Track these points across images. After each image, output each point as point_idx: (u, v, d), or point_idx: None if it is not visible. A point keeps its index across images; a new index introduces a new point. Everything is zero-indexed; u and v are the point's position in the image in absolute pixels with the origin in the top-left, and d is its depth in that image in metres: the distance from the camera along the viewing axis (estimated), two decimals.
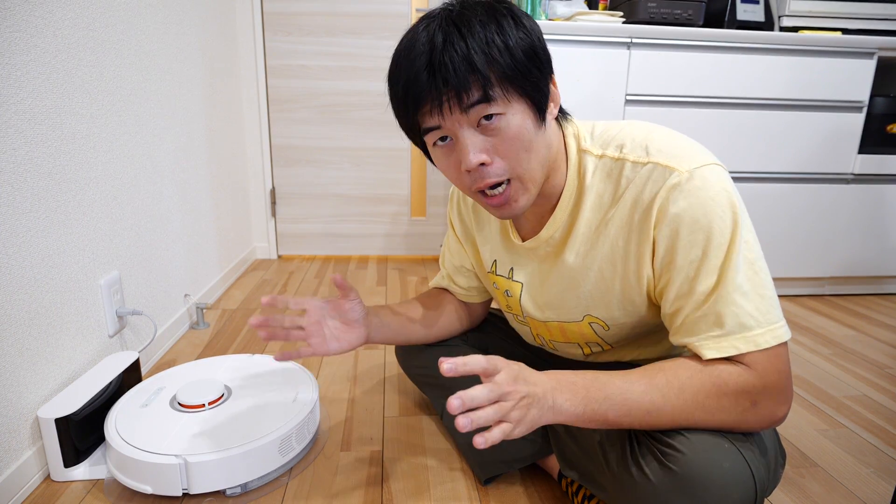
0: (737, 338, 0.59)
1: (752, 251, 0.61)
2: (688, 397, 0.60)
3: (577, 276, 0.72)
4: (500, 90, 0.59)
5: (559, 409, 0.59)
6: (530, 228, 0.77)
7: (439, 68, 0.57)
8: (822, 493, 0.87)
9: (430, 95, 0.59)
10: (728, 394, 0.59)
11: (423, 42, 0.59)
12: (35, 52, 0.87)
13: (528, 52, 0.59)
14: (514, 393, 0.56)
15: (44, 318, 0.89)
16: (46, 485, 0.86)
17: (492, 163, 0.62)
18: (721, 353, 0.60)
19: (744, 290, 0.59)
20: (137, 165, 1.22)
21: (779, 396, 0.60)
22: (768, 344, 0.59)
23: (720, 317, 0.60)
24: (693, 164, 0.61)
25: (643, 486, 0.61)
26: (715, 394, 0.59)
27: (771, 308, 0.60)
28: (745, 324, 0.59)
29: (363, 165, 2.24)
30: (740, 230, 0.60)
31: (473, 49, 0.57)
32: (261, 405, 0.93)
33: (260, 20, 2.04)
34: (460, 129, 0.61)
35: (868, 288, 1.93)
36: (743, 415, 0.60)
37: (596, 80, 1.60)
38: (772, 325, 0.60)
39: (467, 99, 0.58)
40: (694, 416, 0.60)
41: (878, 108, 1.73)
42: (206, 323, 1.52)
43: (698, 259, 0.60)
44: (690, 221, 0.60)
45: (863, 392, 1.22)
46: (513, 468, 0.87)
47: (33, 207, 0.87)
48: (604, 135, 0.69)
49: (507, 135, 0.61)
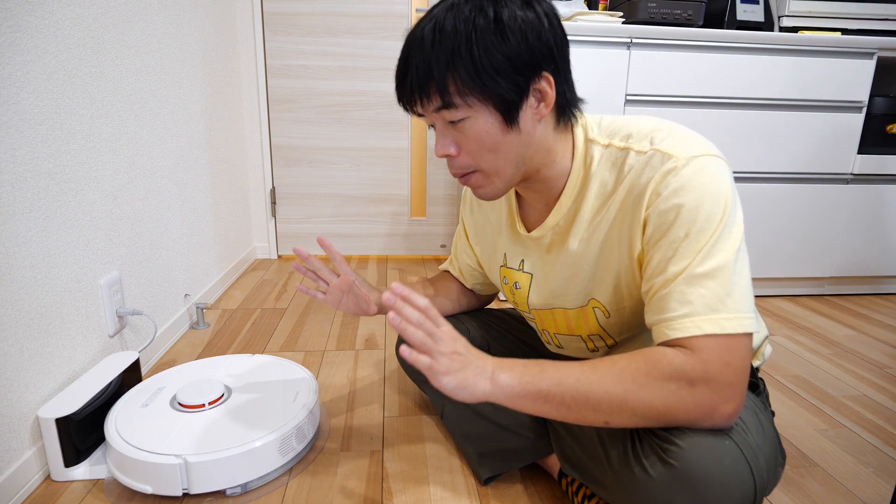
0: (702, 318, 0.58)
1: (734, 242, 0.60)
2: (619, 369, 0.60)
3: (581, 261, 0.73)
4: (460, 97, 0.63)
5: (497, 380, 0.62)
6: (538, 217, 0.78)
7: (410, 71, 0.64)
8: (822, 493, 0.87)
9: (405, 95, 0.66)
10: (662, 372, 0.58)
11: (408, 42, 0.64)
12: (36, 52, 0.87)
13: (497, 60, 0.61)
14: (448, 343, 0.62)
15: (44, 318, 0.89)
16: (47, 485, 0.86)
17: (457, 155, 0.68)
18: (684, 333, 0.58)
19: (717, 275, 0.59)
20: (137, 165, 1.22)
21: (723, 389, 0.57)
22: (734, 329, 0.57)
23: (686, 296, 0.59)
24: (692, 153, 0.62)
25: (644, 482, 0.61)
26: (647, 370, 0.58)
27: (742, 298, 0.59)
28: (712, 306, 0.58)
29: (363, 165, 2.24)
30: (727, 220, 0.60)
31: (437, 58, 0.61)
32: (261, 405, 0.93)
33: (260, 20, 2.04)
34: (436, 122, 0.68)
35: (868, 288, 1.93)
36: (678, 396, 0.58)
37: (596, 80, 1.60)
38: (740, 314, 0.58)
39: (428, 103, 0.65)
40: (627, 392, 0.59)
41: (877, 109, 1.73)
42: (206, 323, 1.52)
43: (679, 240, 0.61)
44: (679, 205, 0.61)
45: (863, 392, 1.22)
46: (513, 468, 0.87)
47: (33, 207, 0.87)
48: (611, 126, 0.71)
49: (471, 135, 0.65)
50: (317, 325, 1.54)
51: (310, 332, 1.48)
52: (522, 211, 0.82)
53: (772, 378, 1.27)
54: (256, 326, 1.52)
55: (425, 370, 0.61)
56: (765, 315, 1.70)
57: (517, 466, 0.87)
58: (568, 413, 0.61)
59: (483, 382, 0.62)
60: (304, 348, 1.38)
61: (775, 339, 1.51)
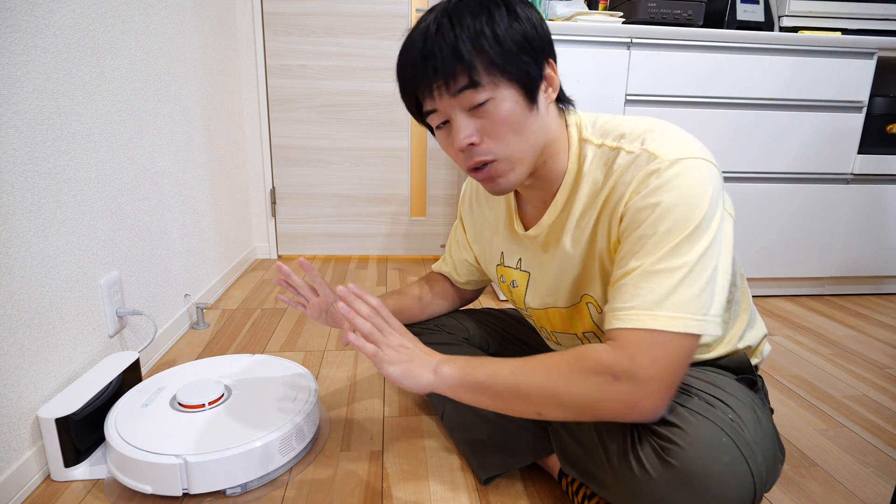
0: (644, 313, 0.58)
1: (702, 246, 0.59)
2: (552, 364, 0.63)
3: (573, 258, 0.74)
4: (488, 77, 0.63)
5: (441, 372, 0.67)
6: (535, 215, 0.79)
7: (429, 57, 0.63)
8: (822, 493, 0.87)
9: (424, 82, 0.64)
10: (589, 366, 0.60)
11: (420, 33, 0.64)
12: (35, 52, 0.87)
13: (517, 39, 0.63)
14: (396, 337, 0.70)
15: (44, 318, 0.89)
16: (46, 485, 0.86)
17: (481, 143, 0.66)
18: (624, 324, 0.59)
19: (672, 274, 0.59)
20: (137, 165, 1.22)
21: (646, 384, 0.58)
22: (671, 328, 0.57)
23: (637, 289, 0.60)
24: (678, 155, 0.62)
25: (643, 481, 0.61)
26: (576, 365, 0.61)
27: (693, 300, 0.58)
28: (658, 302, 0.58)
29: (363, 165, 2.24)
30: (700, 224, 0.59)
31: (461, 39, 0.61)
32: (261, 405, 0.93)
33: (260, 20, 2.04)
34: (453, 112, 0.65)
35: (868, 288, 1.93)
36: (602, 389, 0.59)
37: (596, 80, 1.60)
38: (685, 314, 0.58)
39: (454, 85, 0.63)
40: (556, 385, 0.62)
41: (877, 108, 1.73)
42: (206, 323, 1.52)
43: (647, 237, 0.61)
44: (654, 204, 0.61)
45: (863, 392, 1.22)
46: (513, 467, 0.87)
47: (33, 207, 0.87)
48: (605, 125, 0.72)
49: (496, 118, 0.64)
50: (317, 325, 1.54)
51: (310, 332, 1.48)
52: (521, 210, 0.83)
53: (772, 378, 1.27)
54: (256, 326, 1.52)
55: (371, 356, 0.66)
56: (765, 315, 1.70)
57: (517, 466, 0.87)
58: (503, 404, 0.65)
59: (427, 373, 0.67)
60: (304, 348, 1.38)
61: (775, 339, 1.51)
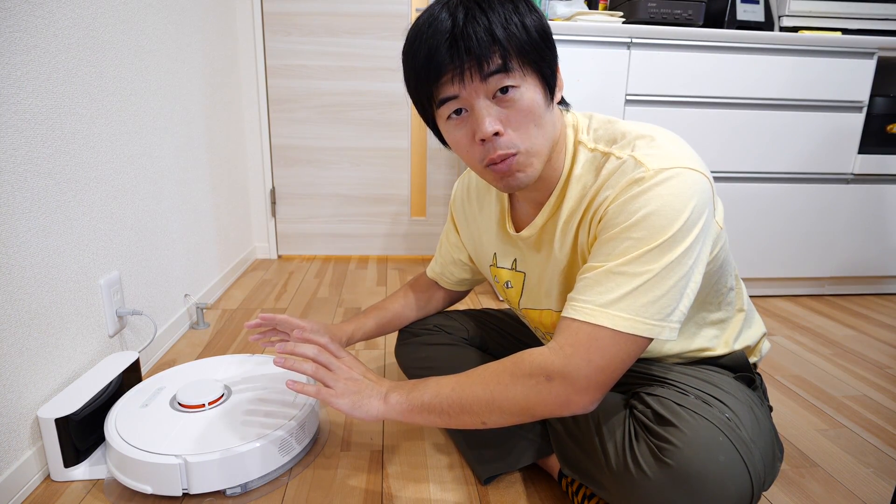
0: (597, 309, 0.60)
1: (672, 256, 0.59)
2: (489, 373, 0.66)
3: (561, 261, 0.74)
4: (518, 63, 0.62)
5: (389, 399, 0.71)
6: (528, 216, 0.79)
7: (462, 38, 0.61)
8: (822, 493, 0.87)
9: (451, 65, 0.62)
10: (524, 370, 0.63)
11: (445, 17, 0.62)
12: (35, 52, 0.87)
13: (541, 32, 0.64)
14: (345, 371, 0.75)
15: (44, 318, 0.89)
16: (46, 485, 0.86)
17: (504, 133, 0.64)
18: (576, 315, 0.61)
19: (638, 280, 0.59)
20: (137, 165, 1.22)
21: (578, 382, 0.60)
22: (622, 328, 0.58)
23: (598, 285, 0.61)
24: (665, 164, 0.61)
25: (641, 481, 0.61)
26: (511, 370, 0.64)
27: (652, 306, 0.59)
28: (614, 302, 0.59)
29: (363, 165, 2.24)
30: (675, 236, 0.59)
31: (495, 23, 0.61)
32: (261, 405, 0.93)
33: (260, 20, 2.04)
34: (476, 99, 0.63)
35: (868, 288, 1.93)
36: (536, 390, 0.62)
37: (596, 80, 1.60)
38: (637, 316, 0.59)
39: (487, 67, 0.61)
40: (493, 393, 0.64)
41: (878, 108, 1.73)
42: (206, 323, 1.52)
43: (617, 241, 0.61)
44: (631, 211, 0.61)
45: (863, 392, 1.22)
46: (513, 468, 0.87)
47: (33, 207, 0.87)
48: (600, 129, 0.71)
49: (521, 107, 0.63)
50: None
51: None
52: (513, 211, 0.83)
53: (772, 378, 1.27)
54: None
55: (314, 395, 0.72)
56: (764, 315, 1.70)
57: (517, 467, 0.87)
58: (451, 420, 0.68)
59: (376, 402, 0.71)
60: None
61: (775, 339, 1.51)
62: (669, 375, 0.73)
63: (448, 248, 1.01)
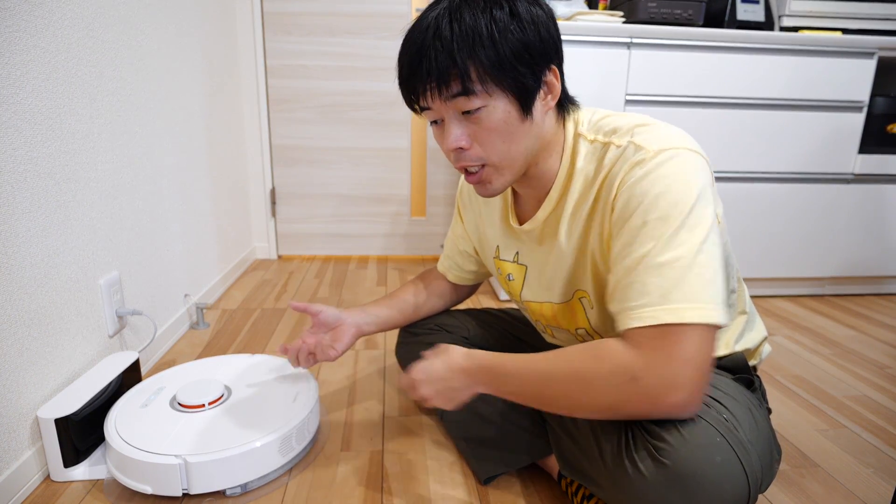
0: (659, 308, 0.58)
1: (698, 235, 0.59)
2: (568, 362, 0.63)
3: (567, 254, 0.74)
4: (480, 85, 0.62)
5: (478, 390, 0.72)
6: (531, 210, 0.79)
7: (425, 58, 0.62)
8: (822, 493, 0.87)
9: (418, 81, 0.64)
10: (608, 369, 0.59)
11: (421, 29, 0.63)
12: (35, 52, 0.87)
13: (515, 46, 0.62)
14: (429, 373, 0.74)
15: (44, 318, 0.89)
16: (46, 485, 0.86)
17: (469, 148, 0.66)
18: (642, 323, 0.58)
19: (677, 265, 0.58)
20: (137, 165, 1.22)
21: (666, 380, 0.57)
22: (692, 319, 0.56)
23: (646, 285, 0.59)
24: (664, 145, 0.62)
25: (638, 482, 0.61)
26: (595, 368, 0.60)
27: (703, 288, 0.58)
28: (667, 295, 0.57)
29: (363, 165, 2.24)
30: (691, 212, 0.59)
31: (457, 42, 0.60)
32: (261, 405, 0.93)
33: (260, 20, 2.04)
34: (445, 114, 0.66)
35: (868, 288, 1.93)
36: (623, 390, 0.58)
37: (596, 79, 1.60)
38: (694, 303, 0.57)
39: (447, 91, 0.63)
40: (572, 384, 0.62)
41: (878, 108, 1.73)
42: (206, 323, 1.52)
43: (638, 228, 0.61)
44: (640, 193, 0.61)
45: (863, 392, 1.22)
46: (512, 468, 0.87)
47: (33, 207, 0.87)
48: (601, 121, 0.72)
49: (487, 125, 0.65)
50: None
51: None
52: (517, 205, 0.83)
53: (772, 378, 1.27)
54: (256, 326, 1.52)
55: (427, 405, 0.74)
56: (765, 315, 1.70)
57: (517, 467, 0.87)
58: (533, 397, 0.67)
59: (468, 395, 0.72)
60: None
61: (775, 339, 1.51)
62: None
63: (454, 239, 1.02)
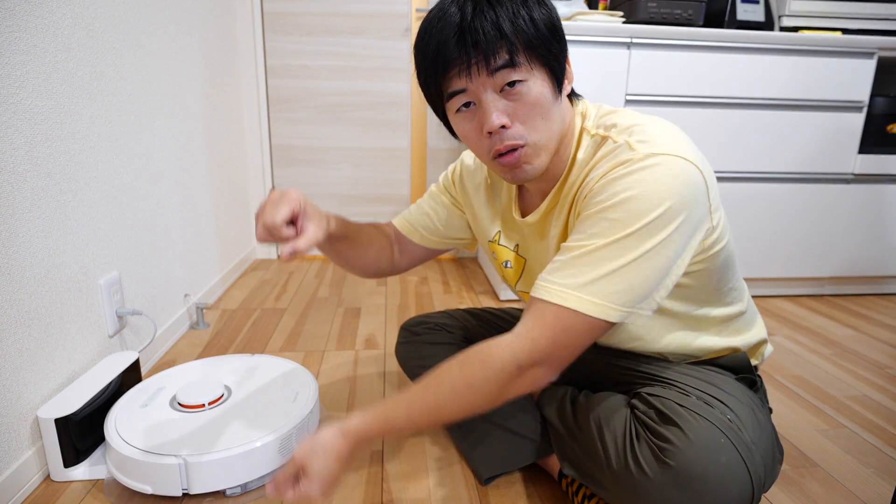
0: (570, 292, 0.60)
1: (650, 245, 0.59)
2: (459, 385, 0.63)
3: (554, 242, 0.74)
4: (525, 57, 0.62)
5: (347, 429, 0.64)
6: (533, 205, 0.79)
7: (470, 32, 0.61)
8: (822, 493, 0.87)
9: (459, 59, 0.62)
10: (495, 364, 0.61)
11: (454, 12, 0.63)
12: (35, 52, 0.87)
13: (549, 26, 0.63)
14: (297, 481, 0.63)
15: (44, 318, 0.89)
16: (46, 485, 0.86)
17: (511, 126, 0.65)
18: (548, 297, 0.61)
19: (611, 265, 0.59)
20: (137, 165, 1.22)
21: (545, 363, 0.61)
22: (591, 312, 0.59)
23: (572, 267, 0.61)
24: (655, 150, 0.61)
25: (642, 482, 0.61)
26: (482, 373, 0.62)
27: (624, 292, 0.59)
28: (586, 285, 0.59)
29: (363, 165, 2.23)
30: (656, 223, 0.58)
31: (502, 17, 0.61)
32: (261, 405, 0.93)
33: (260, 20, 2.04)
34: (484, 93, 0.64)
35: (868, 288, 1.93)
36: (511, 380, 0.61)
37: (596, 79, 1.60)
38: (608, 302, 0.59)
39: (494, 62, 0.62)
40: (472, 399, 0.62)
41: (878, 108, 1.73)
42: (206, 323, 1.52)
43: (597, 222, 0.61)
44: (613, 193, 0.61)
45: (863, 392, 1.22)
46: (513, 468, 0.87)
47: (33, 207, 0.87)
48: (604, 116, 0.71)
49: (528, 100, 0.64)
50: (317, 325, 1.54)
51: (310, 332, 1.48)
52: (521, 198, 0.83)
53: (772, 378, 1.27)
54: (256, 326, 1.52)
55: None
56: (765, 315, 1.70)
57: (517, 467, 0.87)
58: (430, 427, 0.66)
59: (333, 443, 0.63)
60: (304, 348, 1.38)
61: (775, 339, 1.51)
62: (671, 376, 0.73)
63: (434, 205, 0.94)
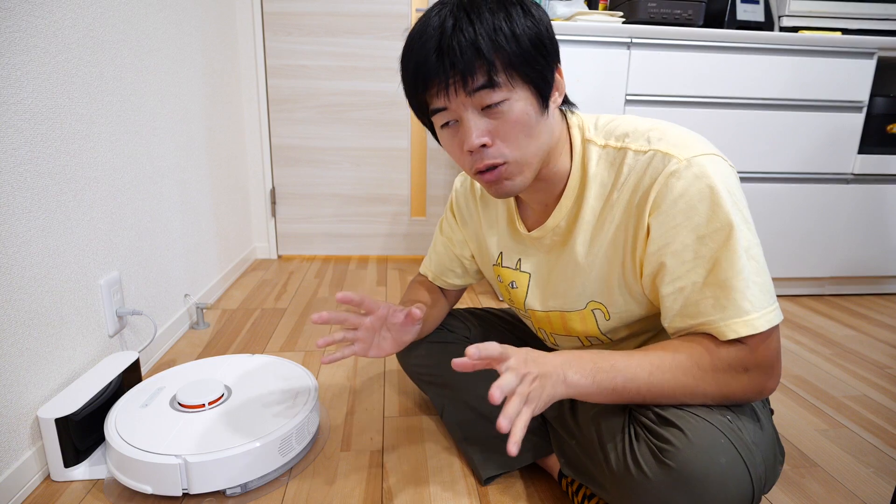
0: (736, 322, 0.61)
1: (747, 238, 0.62)
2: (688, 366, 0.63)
3: (585, 264, 0.73)
4: (505, 76, 0.61)
5: (571, 382, 0.62)
6: (536, 218, 0.79)
7: (447, 52, 0.60)
8: (822, 493, 0.87)
9: (437, 78, 0.62)
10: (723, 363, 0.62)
11: (434, 26, 0.61)
12: (35, 52, 0.87)
13: (534, 40, 0.62)
14: (528, 375, 0.59)
15: (44, 318, 0.89)
16: (46, 485, 0.86)
17: (492, 145, 0.64)
18: (721, 337, 0.62)
19: (741, 276, 0.61)
20: (137, 165, 1.22)
21: (769, 370, 0.63)
22: (764, 328, 0.61)
23: (718, 300, 0.62)
24: (692, 152, 0.63)
25: (641, 483, 0.61)
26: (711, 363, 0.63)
27: (765, 293, 0.62)
28: (743, 308, 0.61)
29: (363, 165, 2.24)
30: (737, 218, 0.61)
31: (481, 35, 0.60)
32: (261, 405, 0.93)
33: (260, 20, 2.04)
34: (465, 112, 0.63)
35: (868, 288, 1.93)
36: (737, 381, 0.63)
37: (596, 80, 1.60)
38: (766, 309, 0.61)
39: (472, 83, 0.61)
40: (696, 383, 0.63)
41: (878, 108, 1.73)
42: (206, 323, 1.52)
43: (693, 244, 0.62)
44: (686, 208, 0.62)
45: (863, 392, 1.22)
46: (513, 468, 0.87)
47: (33, 207, 0.87)
48: (607, 126, 0.71)
49: (510, 119, 0.63)
50: (317, 325, 1.54)
51: (310, 332, 1.48)
52: (521, 210, 0.82)
53: None
54: (256, 326, 1.52)
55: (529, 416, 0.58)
56: None
57: (517, 466, 0.87)
58: (642, 400, 0.65)
59: (559, 389, 0.62)
60: (304, 348, 1.38)
61: None
62: None
63: (447, 244, 0.97)
